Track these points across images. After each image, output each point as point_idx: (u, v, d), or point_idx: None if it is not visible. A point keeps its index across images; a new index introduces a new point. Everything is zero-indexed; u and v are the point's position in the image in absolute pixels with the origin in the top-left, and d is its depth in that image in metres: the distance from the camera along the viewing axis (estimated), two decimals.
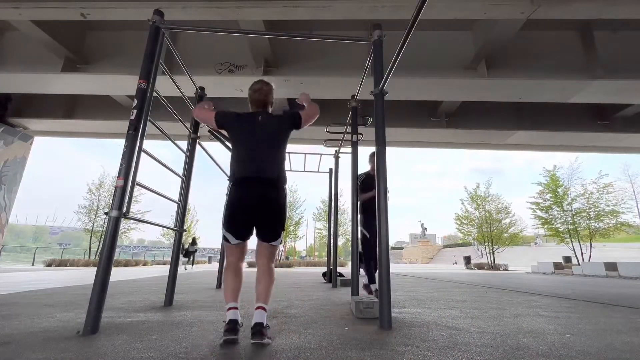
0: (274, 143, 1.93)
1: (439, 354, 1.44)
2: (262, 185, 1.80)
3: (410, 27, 1.81)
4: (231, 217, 1.78)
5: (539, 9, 5.32)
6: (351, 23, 6.95)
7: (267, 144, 1.90)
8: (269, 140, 1.91)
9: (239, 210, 1.78)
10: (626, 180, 21.45)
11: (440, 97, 8.23)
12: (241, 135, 1.92)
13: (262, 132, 1.91)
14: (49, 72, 7.38)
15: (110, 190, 18.99)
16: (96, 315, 1.77)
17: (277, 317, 2.32)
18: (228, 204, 1.81)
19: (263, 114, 1.99)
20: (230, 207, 1.79)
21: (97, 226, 18.72)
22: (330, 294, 4.00)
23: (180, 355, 1.37)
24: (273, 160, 1.89)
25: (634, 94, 7.38)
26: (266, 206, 1.78)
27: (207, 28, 2.81)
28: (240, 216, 1.78)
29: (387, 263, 2.08)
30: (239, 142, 1.93)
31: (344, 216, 21.67)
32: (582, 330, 2.02)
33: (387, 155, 2.30)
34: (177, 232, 2.98)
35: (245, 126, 1.93)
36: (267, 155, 1.88)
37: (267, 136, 1.92)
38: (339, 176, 5.65)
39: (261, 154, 1.87)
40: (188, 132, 3.29)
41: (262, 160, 1.85)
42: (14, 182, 10.76)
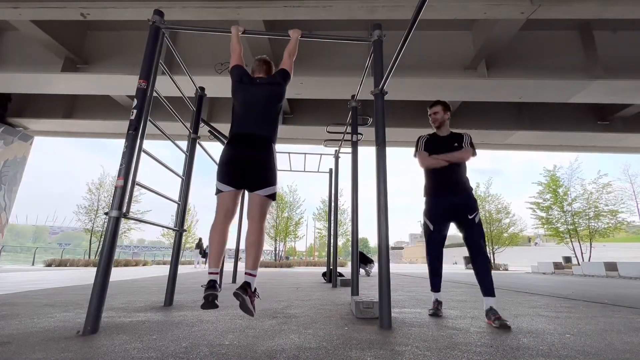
0: (269, 105, 2.15)
1: (439, 354, 1.44)
2: (253, 142, 1.99)
3: (410, 27, 1.81)
4: (223, 168, 1.96)
5: (539, 9, 5.32)
6: (351, 23, 6.94)
7: (261, 104, 2.13)
8: (264, 102, 2.14)
9: (230, 162, 1.96)
10: (626, 180, 21.44)
11: (440, 97, 8.19)
12: (239, 95, 2.17)
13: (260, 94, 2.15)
14: (49, 72, 7.38)
15: (110, 190, 18.98)
16: (96, 315, 1.77)
17: (277, 317, 2.32)
18: (221, 157, 2.01)
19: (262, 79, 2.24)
20: (222, 159, 1.99)
21: (97, 226, 18.70)
22: (330, 294, 4.00)
23: (180, 355, 1.37)
24: (266, 120, 2.11)
25: (634, 94, 7.38)
26: (255, 160, 1.95)
27: (207, 28, 2.80)
28: (230, 166, 1.95)
29: (387, 263, 2.08)
30: (237, 98, 2.18)
31: (344, 216, 21.68)
32: (582, 330, 2.02)
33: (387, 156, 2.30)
34: (177, 232, 2.98)
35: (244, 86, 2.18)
36: (261, 116, 2.10)
37: (263, 96, 2.15)
38: (339, 176, 5.65)
39: (254, 114, 2.09)
40: (188, 132, 3.28)
41: (255, 120, 2.07)
42: (14, 182, 10.76)
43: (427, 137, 2.63)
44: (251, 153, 1.95)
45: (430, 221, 2.52)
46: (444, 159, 2.45)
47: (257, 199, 1.92)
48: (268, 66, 2.35)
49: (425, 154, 2.54)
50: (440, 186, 2.50)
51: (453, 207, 2.41)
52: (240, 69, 2.28)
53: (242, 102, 2.14)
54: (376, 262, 3.55)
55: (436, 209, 2.51)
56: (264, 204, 1.93)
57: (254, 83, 2.18)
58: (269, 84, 2.18)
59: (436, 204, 2.52)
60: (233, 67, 2.30)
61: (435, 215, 2.51)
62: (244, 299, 1.67)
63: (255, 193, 1.92)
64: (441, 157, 2.47)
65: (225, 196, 1.93)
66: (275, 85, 2.19)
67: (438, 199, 2.50)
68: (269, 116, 2.11)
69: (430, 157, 2.51)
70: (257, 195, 1.92)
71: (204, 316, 2.31)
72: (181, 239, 3.04)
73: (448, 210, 2.44)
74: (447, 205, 2.44)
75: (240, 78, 2.22)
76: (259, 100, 2.13)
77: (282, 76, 2.24)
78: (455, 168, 2.46)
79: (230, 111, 2.25)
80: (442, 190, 2.49)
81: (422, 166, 2.55)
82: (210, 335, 1.75)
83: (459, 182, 2.47)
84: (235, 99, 2.21)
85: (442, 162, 2.45)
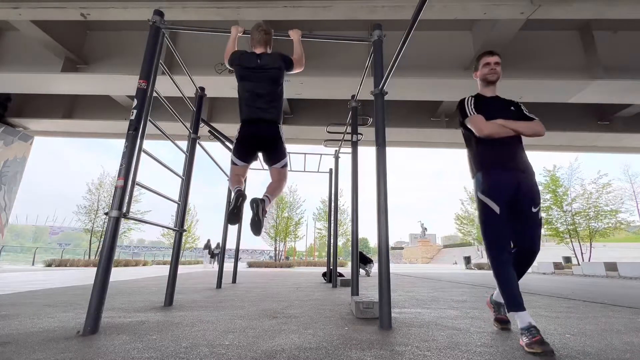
0: (273, 82, 2.29)
1: (439, 354, 1.44)
2: (261, 125, 2.23)
3: (410, 27, 1.81)
4: (238, 149, 2.29)
5: (539, 9, 5.32)
6: (351, 23, 6.95)
7: (266, 84, 2.26)
8: (268, 80, 2.27)
9: (244, 145, 2.27)
10: (626, 180, 21.45)
11: (440, 97, 8.23)
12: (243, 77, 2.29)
13: (261, 75, 2.27)
14: (49, 72, 7.38)
15: (110, 190, 18.99)
16: (96, 315, 1.77)
17: (277, 317, 2.32)
18: (236, 140, 2.28)
19: (263, 55, 2.34)
20: (238, 142, 2.28)
21: (97, 226, 18.70)
22: (330, 294, 4.00)
23: (180, 356, 1.37)
24: (271, 100, 2.27)
25: (634, 94, 7.38)
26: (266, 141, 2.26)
27: (207, 28, 2.80)
28: (245, 149, 2.29)
29: (387, 263, 2.08)
30: (241, 82, 2.30)
31: (344, 216, 21.68)
32: (582, 330, 2.02)
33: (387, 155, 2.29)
34: (177, 232, 2.98)
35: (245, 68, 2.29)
36: (265, 97, 2.25)
37: (266, 79, 2.27)
38: (339, 176, 5.65)
39: (259, 95, 2.24)
40: (188, 132, 3.29)
41: (260, 103, 2.23)
42: (14, 182, 10.77)
43: (473, 99, 2.05)
44: (262, 138, 2.24)
45: (495, 200, 1.80)
46: (514, 128, 1.88)
47: (275, 170, 2.33)
48: (268, 36, 2.44)
49: (482, 118, 1.93)
50: (505, 158, 1.89)
51: (517, 187, 1.82)
52: (236, 54, 2.37)
53: (247, 87, 2.27)
54: (376, 262, 3.54)
55: (502, 184, 1.83)
56: (282, 171, 2.35)
57: (255, 65, 2.29)
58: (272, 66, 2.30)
59: (500, 178, 1.84)
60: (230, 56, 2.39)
61: (500, 192, 1.81)
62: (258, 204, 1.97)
63: (273, 167, 2.33)
64: (511, 124, 1.88)
65: (238, 168, 2.31)
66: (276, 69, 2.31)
67: (503, 172, 1.85)
68: (274, 96, 2.28)
69: (494, 122, 1.90)
70: (274, 168, 2.33)
71: (204, 316, 2.31)
72: (181, 239, 3.04)
73: (513, 187, 1.82)
74: (513, 183, 1.82)
75: (240, 61, 2.31)
76: (263, 84, 2.26)
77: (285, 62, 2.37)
78: (518, 142, 1.92)
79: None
80: (509, 163, 1.87)
81: (483, 133, 1.90)
82: (210, 335, 1.75)
83: (525, 160, 1.91)
84: (239, 82, 2.32)
85: (510, 131, 1.87)
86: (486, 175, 1.89)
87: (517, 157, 1.89)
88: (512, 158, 1.89)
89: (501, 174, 1.86)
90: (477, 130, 1.92)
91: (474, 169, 1.99)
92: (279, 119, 2.31)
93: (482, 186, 1.88)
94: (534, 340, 1.51)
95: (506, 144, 1.89)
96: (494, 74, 2.03)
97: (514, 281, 1.76)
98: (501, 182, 1.84)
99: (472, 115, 1.97)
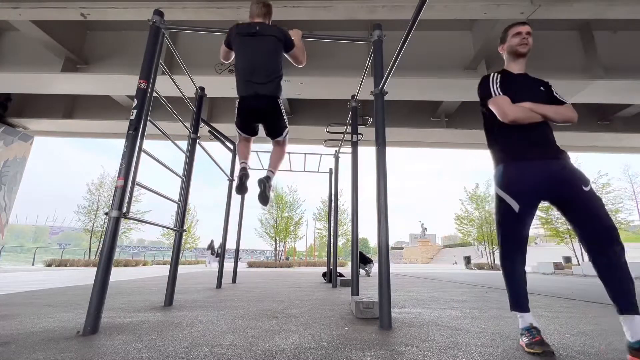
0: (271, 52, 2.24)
1: (439, 354, 1.44)
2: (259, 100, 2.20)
3: (410, 27, 1.81)
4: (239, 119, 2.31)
5: (539, 9, 5.32)
6: (351, 23, 6.95)
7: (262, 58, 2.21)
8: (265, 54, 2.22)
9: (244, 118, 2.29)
10: (626, 180, 21.44)
11: (440, 97, 8.23)
12: (240, 50, 2.25)
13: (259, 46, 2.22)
14: (49, 72, 7.38)
15: (110, 190, 18.98)
16: (96, 315, 1.77)
17: (277, 317, 2.32)
18: (237, 112, 2.28)
19: (262, 24, 2.30)
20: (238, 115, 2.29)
21: (97, 226, 18.70)
22: (330, 294, 4.00)
23: (180, 356, 1.37)
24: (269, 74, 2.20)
25: (634, 94, 7.38)
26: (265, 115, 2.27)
27: (207, 28, 2.80)
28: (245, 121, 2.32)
29: (387, 263, 2.08)
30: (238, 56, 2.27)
31: (344, 216, 21.68)
32: (582, 330, 2.02)
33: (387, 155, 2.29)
34: (177, 232, 2.98)
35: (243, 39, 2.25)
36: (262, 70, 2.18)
37: (264, 50, 2.22)
38: (339, 176, 5.65)
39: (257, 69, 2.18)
40: (188, 132, 3.29)
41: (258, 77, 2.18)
42: (14, 182, 10.76)
43: (499, 76, 1.78)
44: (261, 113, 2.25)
45: (514, 196, 1.59)
46: (544, 113, 1.64)
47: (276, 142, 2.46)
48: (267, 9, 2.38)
49: (508, 100, 1.67)
50: (530, 145, 1.63)
51: (552, 175, 1.56)
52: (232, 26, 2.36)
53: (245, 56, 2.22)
54: (376, 262, 3.54)
55: (525, 178, 1.59)
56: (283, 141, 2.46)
57: (253, 34, 2.24)
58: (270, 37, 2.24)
59: (525, 170, 1.61)
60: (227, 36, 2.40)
61: (522, 186, 1.59)
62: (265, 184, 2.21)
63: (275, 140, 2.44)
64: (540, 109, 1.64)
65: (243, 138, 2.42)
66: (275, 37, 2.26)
67: (528, 163, 1.61)
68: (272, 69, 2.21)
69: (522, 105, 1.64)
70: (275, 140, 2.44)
71: (204, 316, 2.31)
72: (181, 239, 3.04)
73: (544, 180, 1.57)
74: (543, 173, 1.57)
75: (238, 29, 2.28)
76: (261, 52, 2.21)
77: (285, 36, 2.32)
78: (546, 125, 1.69)
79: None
80: (535, 150, 1.62)
81: (508, 118, 1.63)
82: (210, 335, 1.75)
83: (554, 143, 1.67)
84: (236, 54, 2.29)
85: (538, 116, 1.64)
86: (508, 167, 1.66)
87: (546, 142, 1.65)
88: (540, 144, 1.64)
89: (527, 165, 1.61)
90: (501, 114, 1.66)
91: (495, 159, 1.75)
92: (278, 92, 2.25)
93: (501, 179, 1.66)
94: (534, 341, 1.46)
95: (532, 128, 1.65)
96: (526, 45, 1.78)
97: (523, 282, 1.63)
98: (526, 175, 1.59)
99: (496, 96, 1.71)
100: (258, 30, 2.22)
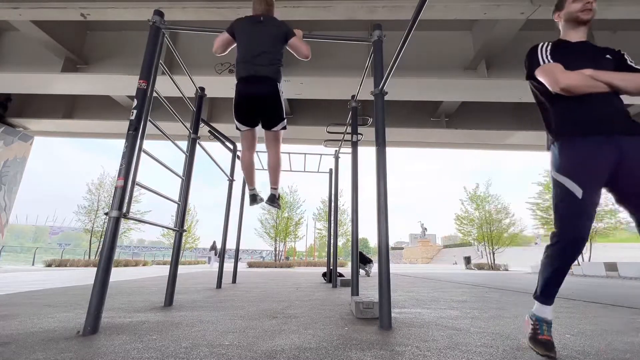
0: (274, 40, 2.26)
1: (439, 354, 1.44)
2: (259, 83, 2.13)
3: (410, 27, 1.81)
4: (236, 109, 2.21)
5: (539, 9, 5.32)
6: (351, 23, 6.95)
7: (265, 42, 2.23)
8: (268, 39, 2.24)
9: (242, 104, 2.18)
10: None
11: (440, 97, 8.23)
12: (244, 35, 2.27)
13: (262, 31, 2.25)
14: (49, 72, 7.38)
15: (110, 190, 18.98)
16: (96, 315, 1.77)
17: (277, 317, 2.32)
18: (234, 99, 2.22)
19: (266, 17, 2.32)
20: (235, 102, 2.21)
21: (97, 226, 18.70)
22: (330, 294, 4.00)
23: (180, 356, 1.37)
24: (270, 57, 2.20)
25: None
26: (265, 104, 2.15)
27: (207, 28, 2.80)
28: (243, 108, 2.20)
29: (387, 263, 2.08)
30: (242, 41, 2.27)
31: (344, 216, 21.68)
32: (582, 330, 2.02)
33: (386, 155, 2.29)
34: (177, 233, 2.98)
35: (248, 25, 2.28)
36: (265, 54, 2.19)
37: (267, 35, 2.25)
38: (339, 176, 5.65)
39: (259, 52, 2.19)
40: (188, 132, 3.29)
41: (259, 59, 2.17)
42: (14, 182, 10.77)
43: (550, 44, 1.53)
44: (260, 97, 2.16)
45: (577, 180, 1.32)
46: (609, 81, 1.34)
47: (272, 134, 2.30)
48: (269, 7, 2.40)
49: (559, 66, 1.41)
50: (598, 118, 1.35)
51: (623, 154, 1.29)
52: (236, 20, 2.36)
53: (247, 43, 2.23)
54: (376, 262, 3.54)
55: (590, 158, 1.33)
56: (278, 135, 2.33)
57: (257, 21, 2.27)
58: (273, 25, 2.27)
59: (589, 149, 1.33)
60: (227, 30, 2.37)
61: (586, 169, 1.32)
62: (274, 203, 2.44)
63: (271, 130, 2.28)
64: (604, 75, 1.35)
65: (245, 133, 2.32)
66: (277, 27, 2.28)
67: (595, 140, 1.33)
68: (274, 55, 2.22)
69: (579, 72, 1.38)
70: (271, 131, 2.29)
71: (204, 316, 2.31)
72: (181, 239, 3.04)
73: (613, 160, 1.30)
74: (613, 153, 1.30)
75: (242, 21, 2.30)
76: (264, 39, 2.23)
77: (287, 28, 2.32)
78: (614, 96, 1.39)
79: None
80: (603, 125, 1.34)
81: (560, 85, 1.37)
82: (210, 335, 1.75)
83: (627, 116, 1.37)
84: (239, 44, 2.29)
85: (601, 85, 1.34)
86: (566, 145, 1.39)
87: (616, 115, 1.36)
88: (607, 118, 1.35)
89: (591, 142, 1.34)
90: (550, 82, 1.41)
91: (549, 137, 1.48)
92: (278, 77, 2.21)
93: (558, 161, 1.39)
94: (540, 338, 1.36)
95: (596, 99, 1.36)
96: (589, 12, 1.52)
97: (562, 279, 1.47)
98: (590, 154, 1.33)
99: (545, 64, 1.47)
100: (262, 20, 2.28)
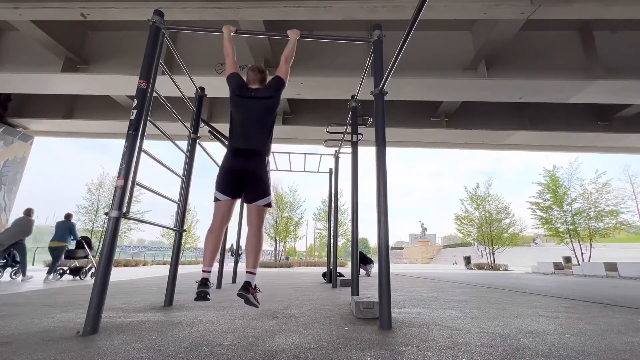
0: (267, 110, 2.26)
1: (439, 354, 1.44)
2: (248, 156, 2.14)
3: (410, 27, 1.81)
4: (221, 178, 2.13)
5: (539, 9, 5.32)
6: (351, 23, 6.95)
7: (257, 116, 2.23)
8: (260, 112, 2.24)
9: (227, 174, 2.13)
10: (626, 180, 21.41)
11: (440, 97, 8.23)
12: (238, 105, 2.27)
13: (254, 105, 2.25)
14: (49, 72, 7.38)
15: (110, 190, 18.97)
16: (96, 315, 1.77)
17: (277, 317, 2.32)
18: (220, 168, 2.18)
19: (257, 90, 2.31)
20: (221, 170, 2.15)
21: (97, 226, 18.68)
22: (330, 294, 4.00)
23: (180, 356, 1.37)
24: (262, 132, 2.22)
25: (634, 94, 7.38)
26: (249, 173, 2.11)
27: (207, 28, 2.80)
28: (228, 178, 2.12)
29: (387, 263, 2.08)
30: (235, 109, 2.28)
31: (344, 216, 21.67)
32: (582, 330, 2.02)
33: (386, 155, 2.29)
34: (177, 232, 2.98)
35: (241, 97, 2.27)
36: (256, 128, 2.21)
37: (259, 109, 2.25)
38: (339, 176, 5.65)
39: (251, 126, 2.21)
40: (188, 132, 3.29)
41: (250, 133, 2.18)
42: (14, 182, 10.76)
43: None
44: (248, 170, 2.11)
45: None
46: None
47: (255, 209, 2.10)
48: (263, 75, 2.40)
49: None
50: None
51: None
52: (235, 77, 2.37)
53: (240, 116, 2.26)
54: (376, 262, 3.54)
55: None
56: (261, 213, 2.12)
57: (250, 96, 2.27)
58: (263, 98, 2.28)
59: None
60: (229, 75, 2.38)
61: None
62: (247, 297, 1.91)
63: (254, 204, 2.10)
64: None
65: (222, 204, 2.12)
66: (269, 98, 2.29)
67: None
68: (264, 127, 2.24)
69: None
70: (255, 206, 2.10)
71: (204, 316, 2.31)
72: (181, 239, 3.04)
73: None
74: None
75: (239, 90, 2.31)
76: (255, 114, 2.25)
77: (276, 85, 2.34)
78: None
79: (229, 112, 2.28)
80: None
81: None
82: (210, 335, 1.75)
83: None
84: (232, 109, 2.31)
85: None
86: None
87: None
88: None
89: None
90: None
91: None
92: (267, 150, 2.24)
93: None
94: None
95: None
96: None
97: None
98: None
99: None
100: (253, 95, 2.28)
